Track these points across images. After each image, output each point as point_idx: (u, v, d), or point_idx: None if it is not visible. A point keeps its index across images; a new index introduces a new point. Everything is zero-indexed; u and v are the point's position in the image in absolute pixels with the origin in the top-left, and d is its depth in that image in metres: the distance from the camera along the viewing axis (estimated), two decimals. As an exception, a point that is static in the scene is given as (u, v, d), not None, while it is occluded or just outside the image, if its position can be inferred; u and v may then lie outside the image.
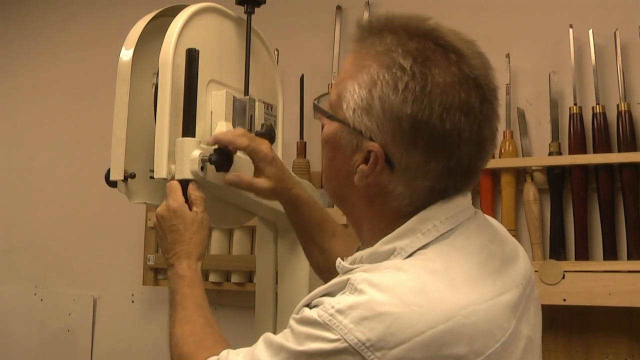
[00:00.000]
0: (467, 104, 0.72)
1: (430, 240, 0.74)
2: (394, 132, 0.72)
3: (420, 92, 0.71)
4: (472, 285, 0.71)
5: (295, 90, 1.74)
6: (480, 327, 0.68)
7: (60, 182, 2.19)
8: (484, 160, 0.77)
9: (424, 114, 0.71)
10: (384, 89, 0.73)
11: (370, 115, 0.74)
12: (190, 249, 1.00)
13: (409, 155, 0.72)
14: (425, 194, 0.75)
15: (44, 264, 2.17)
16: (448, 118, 0.71)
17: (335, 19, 1.76)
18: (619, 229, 1.42)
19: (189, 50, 1.05)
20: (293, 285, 1.23)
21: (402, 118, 0.71)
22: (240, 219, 1.25)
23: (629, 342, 1.39)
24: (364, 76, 0.75)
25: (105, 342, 2.05)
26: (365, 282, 0.69)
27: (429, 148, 0.72)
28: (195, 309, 0.94)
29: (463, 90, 0.72)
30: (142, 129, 1.13)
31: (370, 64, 0.75)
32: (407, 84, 0.71)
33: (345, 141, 0.77)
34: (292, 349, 0.70)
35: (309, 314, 0.71)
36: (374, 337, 0.66)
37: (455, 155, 0.73)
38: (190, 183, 1.03)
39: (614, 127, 1.44)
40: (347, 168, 0.78)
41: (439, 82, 0.71)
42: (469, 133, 0.72)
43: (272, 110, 1.26)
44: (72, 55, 2.24)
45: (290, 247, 1.24)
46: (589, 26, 1.47)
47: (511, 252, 0.81)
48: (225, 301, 1.77)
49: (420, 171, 0.73)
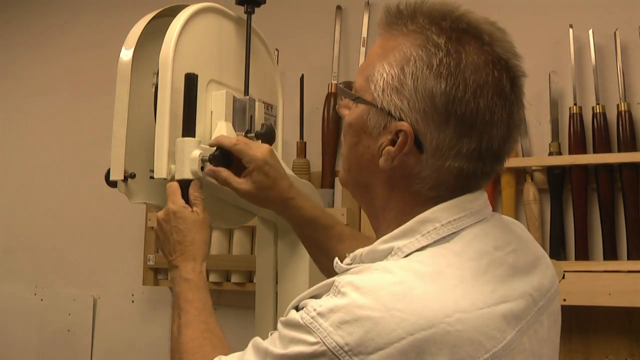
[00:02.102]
0: (499, 84, 0.72)
1: (429, 243, 0.72)
2: (426, 109, 0.71)
3: (455, 68, 0.71)
4: (464, 292, 0.68)
5: (295, 90, 1.74)
6: (466, 337, 0.66)
7: (61, 182, 2.19)
8: (513, 145, 0.76)
9: (459, 89, 0.70)
10: (417, 65, 0.72)
11: (401, 94, 0.73)
12: (194, 250, 0.99)
13: (440, 134, 0.71)
14: (452, 178, 0.73)
15: (44, 264, 2.17)
16: (482, 96, 0.71)
17: (335, 19, 1.76)
18: (619, 229, 1.42)
19: (188, 76, 1.05)
20: (293, 285, 1.22)
21: (436, 94, 0.71)
22: (240, 219, 1.25)
23: (629, 342, 1.39)
24: (395, 55, 0.74)
25: (105, 342, 2.05)
26: (349, 285, 0.68)
27: (461, 126, 0.71)
28: (197, 314, 0.94)
29: (496, 70, 0.72)
30: (142, 129, 1.13)
31: (402, 42, 0.74)
32: (442, 60, 0.71)
33: (372, 123, 0.76)
34: (275, 353, 0.70)
35: (294, 316, 0.70)
36: (352, 342, 0.64)
37: (487, 135, 0.72)
38: (192, 182, 1.03)
39: (614, 127, 1.44)
40: (372, 152, 0.76)
41: (474, 60, 0.71)
42: (501, 114, 0.72)
43: (272, 110, 1.26)
44: (72, 55, 2.24)
45: (290, 247, 1.24)
46: (589, 26, 1.47)
47: (527, 262, 0.78)
48: (225, 301, 1.77)
49: (451, 151, 0.72)
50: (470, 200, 0.76)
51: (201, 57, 1.10)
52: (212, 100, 1.13)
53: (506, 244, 0.77)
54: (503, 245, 0.76)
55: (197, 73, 1.06)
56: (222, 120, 1.12)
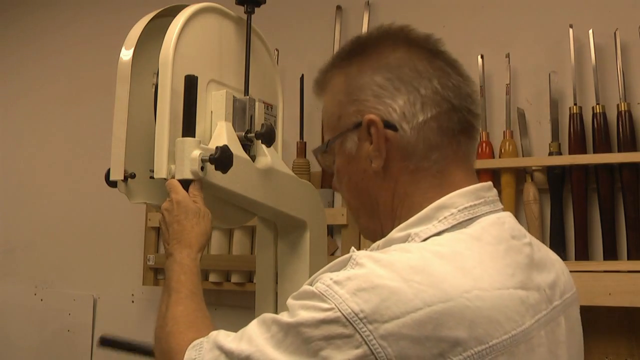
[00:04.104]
0: (421, 45, 0.80)
1: (446, 228, 0.72)
2: (374, 92, 0.77)
3: (374, 54, 0.80)
4: (483, 271, 0.67)
5: (295, 90, 1.74)
6: (485, 314, 0.64)
7: (60, 182, 2.18)
8: (470, 87, 0.80)
9: (389, 61, 0.78)
10: (347, 75, 0.80)
11: (350, 100, 0.79)
12: (191, 238, 1.00)
13: (398, 101, 0.76)
14: (436, 135, 0.76)
15: (44, 264, 2.17)
16: (411, 54, 0.78)
17: (335, 19, 1.76)
18: (619, 229, 1.41)
19: (188, 77, 1.05)
20: (293, 285, 1.22)
21: (372, 76, 0.78)
22: (240, 219, 1.25)
23: (629, 342, 1.39)
24: (331, 92, 0.83)
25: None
26: (367, 257, 0.67)
27: (408, 84, 0.76)
28: (189, 295, 0.93)
29: (413, 44, 0.80)
30: (142, 129, 1.13)
31: (331, 83, 0.84)
32: (361, 58, 0.80)
33: (349, 146, 0.80)
34: (283, 322, 0.68)
35: (307, 287, 0.69)
36: (368, 309, 0.63)
37: (436, 77, 0.77)
38: (193, 182, 1.04)
39: (614, 127, 1.44)
40: (363, 168, 0.79)
41: (386, 45, 0.80)
42: (436, 62, 0.78)
43: (272, 110, 1.26)
44: (72, 55, 2.24)
45: (290, 247, 1.24)
46: (589, 26, 1.47)
47: (541, 259, 0.78)
48: (225, 301, 1.77)
49: (415, 106, 0.76)
50: (483, 189, 0.77)
51: (201, 57, 1.10)
52: (212, 100, 1.13)
53: (522, 235, 0.77)
54: (519, 235, 0.76)
55: (197, 73, 1.06)
56: (222, 120, 1.12)
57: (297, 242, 1.16)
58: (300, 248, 1.18)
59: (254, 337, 0.71)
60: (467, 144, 0.79)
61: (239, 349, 0.71)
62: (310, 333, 0.65)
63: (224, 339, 0.75)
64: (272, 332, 0.69)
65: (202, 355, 0.76)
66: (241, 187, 1.11)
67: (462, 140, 0.78)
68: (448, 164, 0.77)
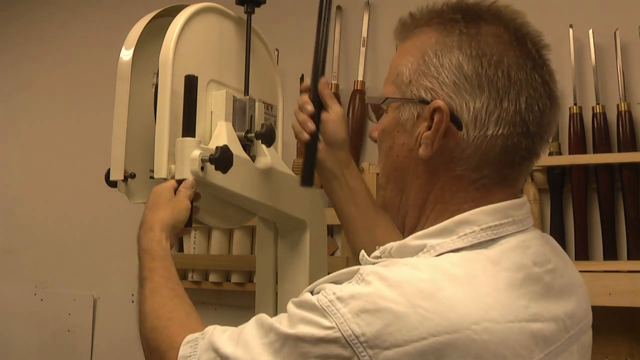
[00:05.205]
0: (525, 47, 0.72)
1: (464, 246, 0.68)
2: (457, 81, 0.70)
3: (476, 35, 0.71)
4: (495, 301, 0.63)
5: (295, 90, 1.73)
6: (491, 348, 0.61)
7: (60, 182, 2.18)
8: (552, 117, 0.73)
9: (485, 54, 0.70)
10: (438, 44, 0.72)
11: (428, 75, 0.72)
12: (151, 221, 0.97)
13: (476, 102, 0.69)
14: (496, 153, 0.70)
15: (44, 264, 2.17)
16: (509, 56, 0.70)
17: (335, 19, 1.76)
18: (619, 229, 1.41)
19: (188, 77, 1.05)
20: (293, 285, 1.23)
21: (463, 63, 0.70)
22: (240, 219, 1.25)
23: (629, 342, 1.39)
24: (415, 47, 0.74)
25: (105, 342, 2.05)
26: (374, 275, 0.64)
27: (496, 89, 0.69)
28: (162, 282, 0.90)
29: (517, 36, 0.73)
30: (142, 129, 1.13)
31: (419, 36, 0.75)
32: (461, 31, 0.71)
33: (405, 116, 0.74)
34: (281, 332, 0.65)
35: (309, 297, 0.66)
36: (370, 333, 0.60)
37: (525, 94, 0.69)
38: (185, 180, 1.01)
39: (614, 127, 1.44)
40: (408, 147, 0.74)
41: (492, 30, 0.72)
42: (532, 74, 0.71)
43: (272, 110, 1.26)
44: (72, 55, 2.24)
45: (290, 247, 1.24)
46: (589, 26, 1.47)
47: (563, 285, 0.73)
48: (225, 301, 1.76)
49: (490, 116, 0.69)
50: (514, 207, 0.72)
51: (201, 57, 1.10)
52: (212, 100, 1.13)
53: (546, 261, 0.72)
54: (542, 262, 0.71)
55: (197, 73, 1.06)
56: (222, 120, 1.12)
57: (297, 242, 1.16)
58: (300, 248, 1.18)
59: (250, 343, 0.69)
60: (522, 168, 0.74)
61: (235, 355, 0.69)
62: (308, 349, 0.63)
63: (219, 339, 0.73)
64: (270, 339, 0.67)
65: (197, 354, 0.74)
66: (241, 187, 1.11)
67: (519, 164, 0.73)
68: (496, 183, 0.72)
